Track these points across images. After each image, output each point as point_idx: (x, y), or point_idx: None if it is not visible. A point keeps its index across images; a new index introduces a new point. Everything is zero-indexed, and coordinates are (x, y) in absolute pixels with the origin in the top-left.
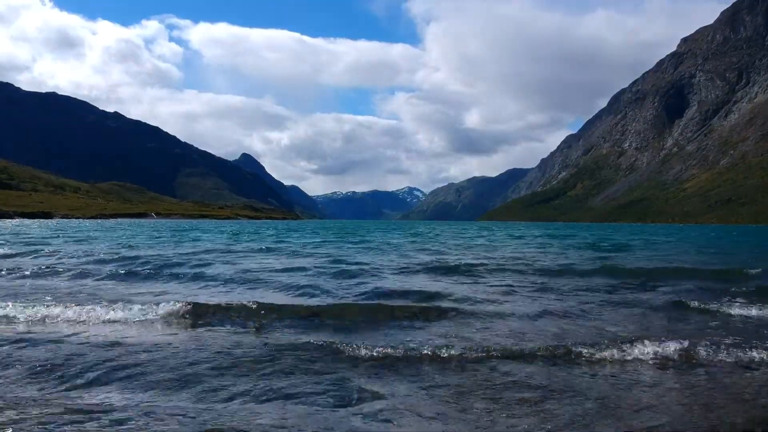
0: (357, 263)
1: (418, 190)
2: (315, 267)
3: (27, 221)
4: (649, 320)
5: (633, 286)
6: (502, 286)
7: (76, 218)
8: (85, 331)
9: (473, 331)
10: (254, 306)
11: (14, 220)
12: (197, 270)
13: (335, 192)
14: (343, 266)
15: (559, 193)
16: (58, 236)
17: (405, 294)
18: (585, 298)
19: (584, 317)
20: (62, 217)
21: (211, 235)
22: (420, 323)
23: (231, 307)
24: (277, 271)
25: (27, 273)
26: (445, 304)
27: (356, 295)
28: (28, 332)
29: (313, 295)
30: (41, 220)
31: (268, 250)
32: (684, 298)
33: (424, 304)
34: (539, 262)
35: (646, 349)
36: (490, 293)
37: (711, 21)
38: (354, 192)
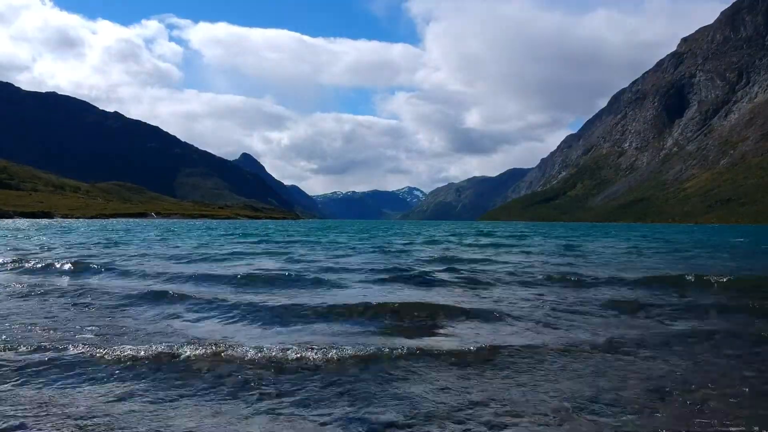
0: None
1: (418, 190)
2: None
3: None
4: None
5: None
6: (511, 301)
7: (76, 218)
8: None
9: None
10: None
11: (11, 220)
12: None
13: (335, 192)
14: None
15: (559, 193)
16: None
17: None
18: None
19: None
20: (62, 217)
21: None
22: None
23: None
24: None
25: None
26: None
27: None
28: None
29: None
30: (41, 219)
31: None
32: None
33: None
34: (534, 269)
35: None
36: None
37: (711, 21)
38: (354, 192)
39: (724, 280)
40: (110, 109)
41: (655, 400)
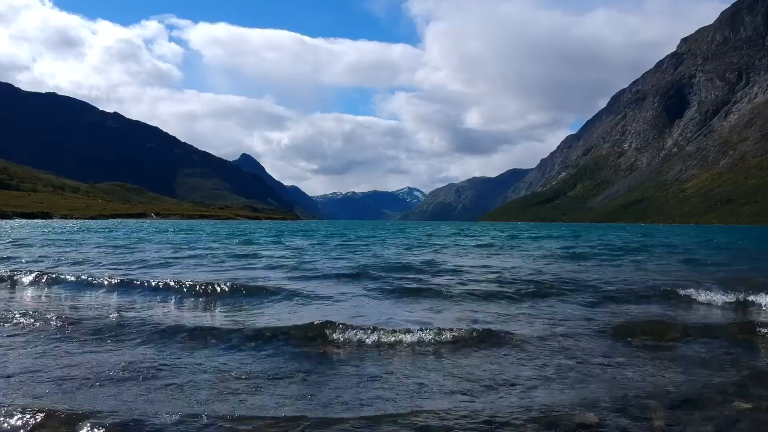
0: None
1: (418, 190)
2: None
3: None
4: None
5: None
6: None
7: (75, 219)
8: None
9: None
10: None
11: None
12: None
13: (335, 192)
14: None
15: (559, 194)
16: None
17: None
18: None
19: None
20: (62, 218)
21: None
22: None
23: None
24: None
25: None
26: None
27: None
28: None
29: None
30: (40, 220)
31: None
32: None
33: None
34: (541, 274)
35: None
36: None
37: (711, 21)
38: (354, 192)
39: None
40: (110, 109)
41: None
